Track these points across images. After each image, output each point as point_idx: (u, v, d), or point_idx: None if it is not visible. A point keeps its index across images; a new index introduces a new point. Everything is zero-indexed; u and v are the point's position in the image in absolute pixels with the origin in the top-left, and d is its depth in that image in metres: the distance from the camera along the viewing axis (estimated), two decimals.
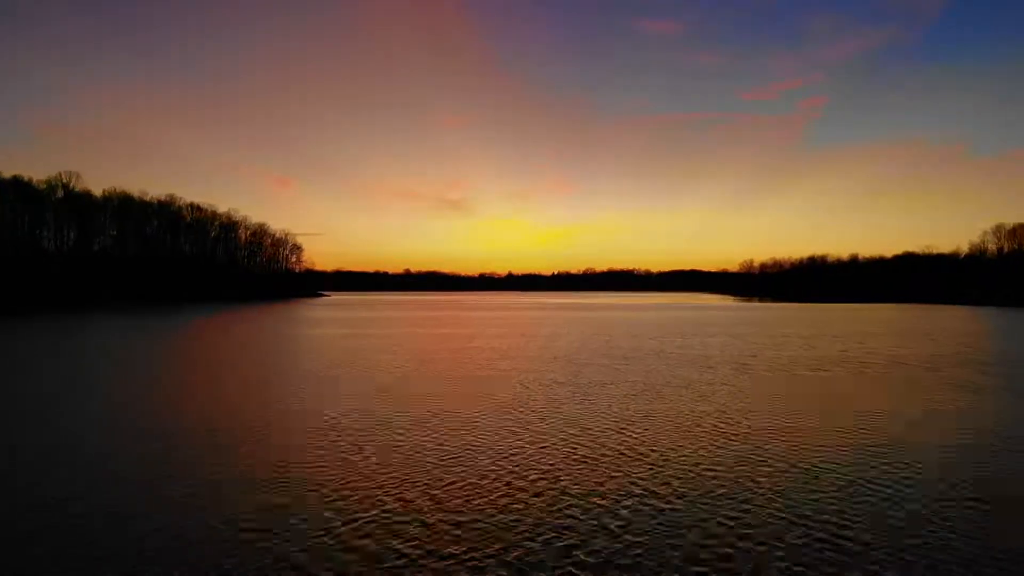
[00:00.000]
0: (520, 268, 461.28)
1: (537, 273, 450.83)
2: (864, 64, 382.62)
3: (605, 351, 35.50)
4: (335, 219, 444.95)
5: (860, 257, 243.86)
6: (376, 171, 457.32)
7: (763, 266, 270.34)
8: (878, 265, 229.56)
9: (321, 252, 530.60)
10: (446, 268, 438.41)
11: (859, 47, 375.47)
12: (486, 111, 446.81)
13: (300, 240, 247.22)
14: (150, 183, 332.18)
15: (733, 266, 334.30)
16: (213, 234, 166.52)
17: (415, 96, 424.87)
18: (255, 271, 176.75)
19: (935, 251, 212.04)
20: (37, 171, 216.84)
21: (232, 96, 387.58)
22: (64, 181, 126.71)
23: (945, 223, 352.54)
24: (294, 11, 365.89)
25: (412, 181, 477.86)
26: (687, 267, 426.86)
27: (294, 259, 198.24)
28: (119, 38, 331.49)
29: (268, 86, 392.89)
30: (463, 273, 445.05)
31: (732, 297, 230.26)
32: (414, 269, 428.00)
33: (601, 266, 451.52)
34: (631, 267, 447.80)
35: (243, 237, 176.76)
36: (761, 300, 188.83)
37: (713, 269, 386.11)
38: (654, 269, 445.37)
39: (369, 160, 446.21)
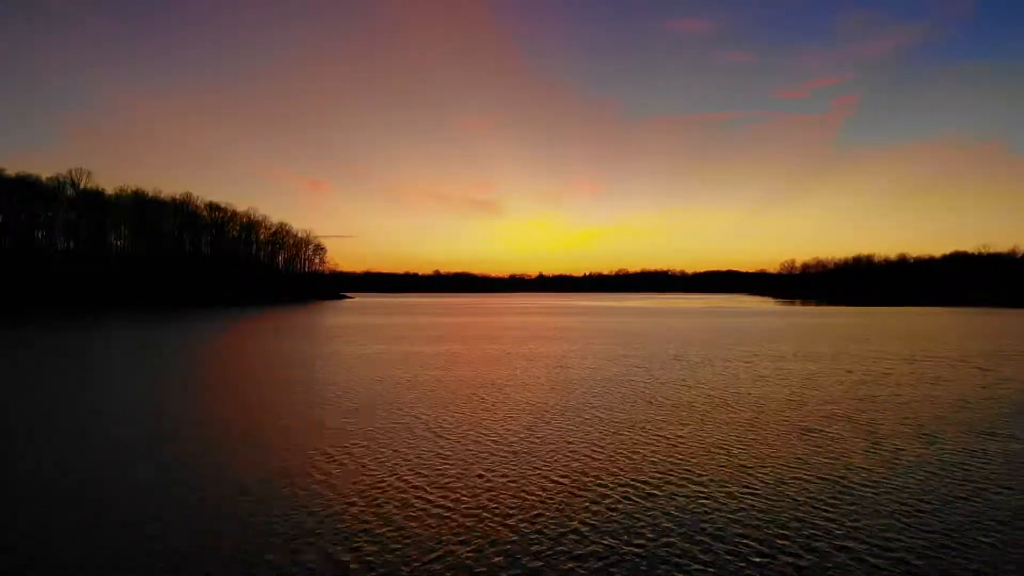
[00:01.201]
0: (551, 269, 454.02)
1: (568, 274, 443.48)
2: (898, 61, 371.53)
3: (665, 398, 27.38)
4: (366, 221, 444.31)
5: (909, 257, 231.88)
6: (407, 173, 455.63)
7: (805, 266, 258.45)
8: (927, 266, 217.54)
9: (352, 254, 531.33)
10: (476, 269, 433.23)
11: (893, 44, 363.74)
12: (516, 112, 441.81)
13: (332, 243, 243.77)
14: (182, 186, 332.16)
15: (772, 266, 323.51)
16: (233, 234, 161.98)
17: (445, 98, 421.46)
18: (276, 272, 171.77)
19: (991, 250, 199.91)
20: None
21: (265, 100, 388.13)
22: (74, 179, 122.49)
23: (985, 223, 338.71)
24: (326, 16, 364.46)
25: (442, 183, 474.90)
26: (723, 267, 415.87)
27: (317, 260, 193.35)
28: (152, 42, 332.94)
29: (300, 90, 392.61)
30: (493, 274, 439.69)
31: (772, 299, 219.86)
32: (444, 270, 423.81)
33: (634, 267, 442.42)
34: (665, 268, 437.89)
35: (264, 237, 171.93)
36: (804, 302, 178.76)
37: (751, 270, 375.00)
38: (689, 270, 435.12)
39: (400, 162, 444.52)
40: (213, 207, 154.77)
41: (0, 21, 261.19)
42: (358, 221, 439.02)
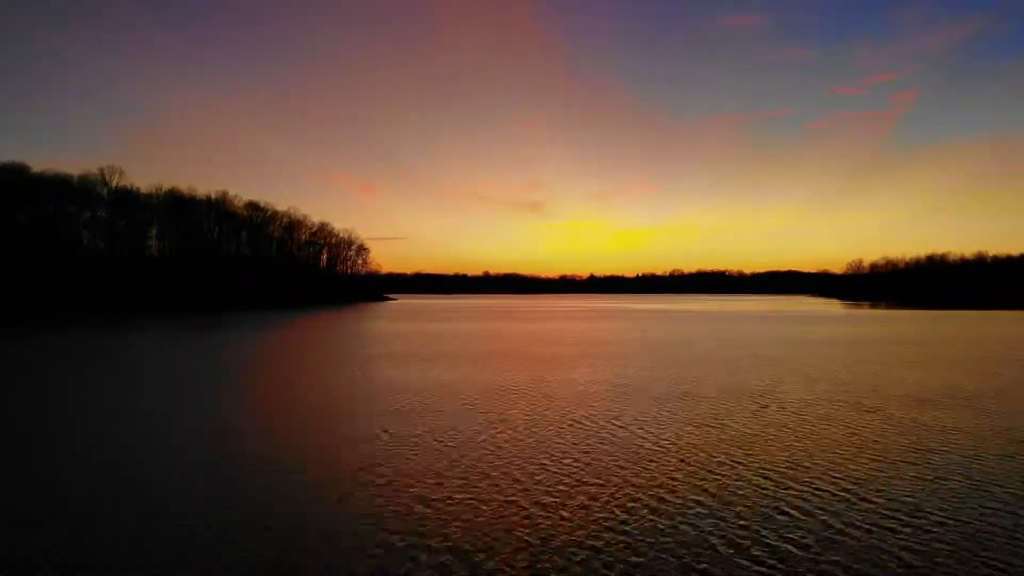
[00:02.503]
0: (602, 270, 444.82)
1: (620, 275, 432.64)
2: (957, 56, 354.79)
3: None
4: (417, 223, 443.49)
5: (987, 255, 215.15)
6: (456, 175, 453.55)
7: (874, 266, 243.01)
8: (1006, 265, 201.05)
9: (402, 255, 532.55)
10: (525, 270, 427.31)
11: (951, 38, 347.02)
12: (564, 112, 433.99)
13: (383, 244, 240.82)
14: (238, 189, 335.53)
15: (835, 266, 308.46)
16: (274, 235, 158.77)
17: (493, 99, 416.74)
18: (316, 274, 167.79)
19: None
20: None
21: (317, 103, 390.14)
22: (105, 177, 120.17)
23: None
24: (373, 19, 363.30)
25: (491, 184, 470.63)
26: (783, 268, 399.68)
27: (360, 261, 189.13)
28: (206, 47, 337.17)
29: (351, 93, 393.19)
30: (543, 275, 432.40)
31: (838, 301, 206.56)
32: (493, 271, 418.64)
33: (689, 267, 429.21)
34: (722, 268, 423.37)
35: (304, 238, 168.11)
36: (873, 305, 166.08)
37: (812, 270, 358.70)
38: (747, 270, 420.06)
39: (449, 164, 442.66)
40: (252, 206, 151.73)
41: (56, 28, 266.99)
42: (409, 223, 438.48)
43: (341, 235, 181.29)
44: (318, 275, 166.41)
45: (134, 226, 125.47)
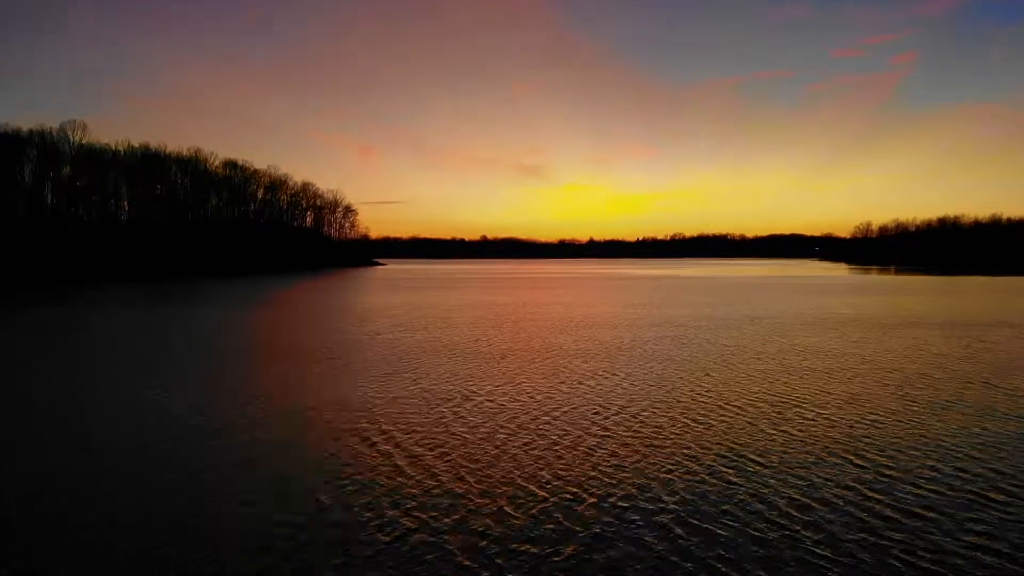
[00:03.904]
0: (602, 235, 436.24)
1: (620, 240, 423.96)
2: (957, 19, 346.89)
3: None
4: (415, 187, 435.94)
5: (1001, 218, 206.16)
6: (455, 138, 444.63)
7: (883, 229, 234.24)
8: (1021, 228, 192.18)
9: (400, 220, 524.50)
10: (524, 235, 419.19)
11: (951, 1, 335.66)
12: (564, 76, 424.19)
13: (380, 208, 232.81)
14: (232, 151, 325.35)
15: (840, 230, 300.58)
16: (256, 195, 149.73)
17: (493, 63, 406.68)
18: (299, 238, 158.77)
19: None
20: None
21: (315, 65, 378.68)
22: (68, 132, 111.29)
23: None
24: None
25: (490, 148, 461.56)
26: (786, 231, 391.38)
27: (348, 224, 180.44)
28: (202, 8, 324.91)
29: (348, 56, 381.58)
30: (542, 239, 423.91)
31: (845, 265, 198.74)
32: (491, 236, 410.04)
33: (690, 231, 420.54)
34: (723, 232, 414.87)
35: (285, 199, 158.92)
36: (882, 270, 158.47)
37: (816, 233, 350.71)
38: (749, 233, 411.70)
39: (448, 127, 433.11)
40: (230, 165, 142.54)
41: None
42: (406, 187, 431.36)
43: (327, 196, 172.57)
44: (301, 239, 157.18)
45: (100, 186, 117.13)
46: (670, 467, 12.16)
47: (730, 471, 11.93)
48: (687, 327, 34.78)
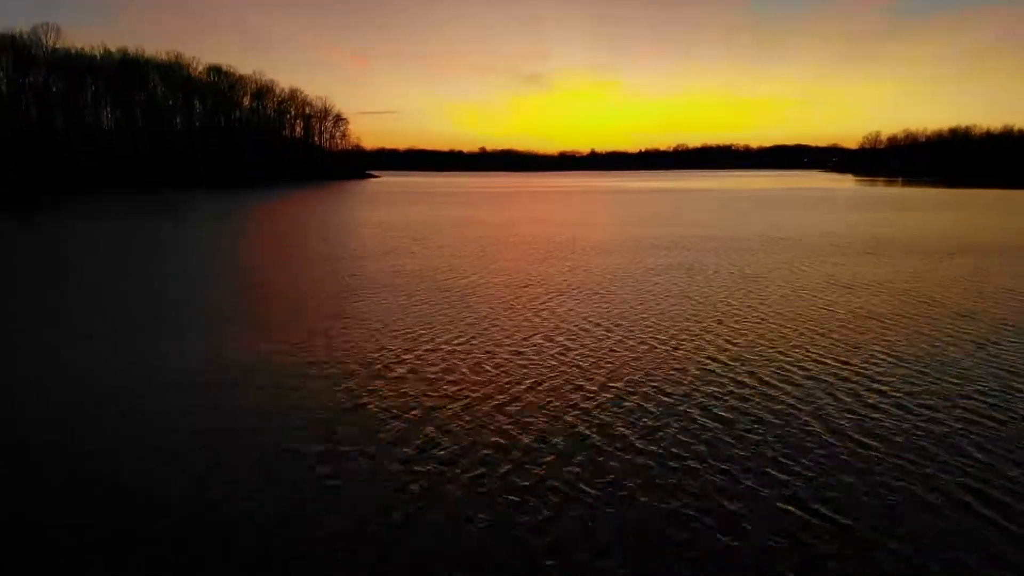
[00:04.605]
0: (604, 145, 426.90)
1: (622, 151, 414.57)
2: None
3: None
4: (411, 96, 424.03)
5: (1014, 129, 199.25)
6: (454, 44, 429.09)
7: (892, 140, 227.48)
8: None
9: (396, 131, 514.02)
10: (524, 146, 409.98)
11: None
12: None
13: (374, 119, 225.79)
14: (215, 58, 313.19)
15: (846, 140, 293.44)
16: (243, 103, 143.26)
17: None
18: (287, 148, 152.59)
19: None
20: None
21: None
22: (40, 36, 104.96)
23: None
24: None
25: (489, 53, 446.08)
26: (790, 141, 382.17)
27: (339, 134, 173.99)
28: None
29: None
30: (542, 151, 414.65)
31: (851, 176, 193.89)
32: (490, 148, 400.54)
33: (694, 142, 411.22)
34: (727, 142, 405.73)
35: (271, 107, 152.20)
36: (889, 181, 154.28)
37: (822, 144, 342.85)
38: (754, 144, 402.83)
39: (447, 32, 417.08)
40: (214, 70, 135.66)
41: None
42: (402, 96, 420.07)
43: (316, 104, 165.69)
44: (290, 150, 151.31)
45: (77, 94, 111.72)
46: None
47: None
48: (699, 252, 30.64)
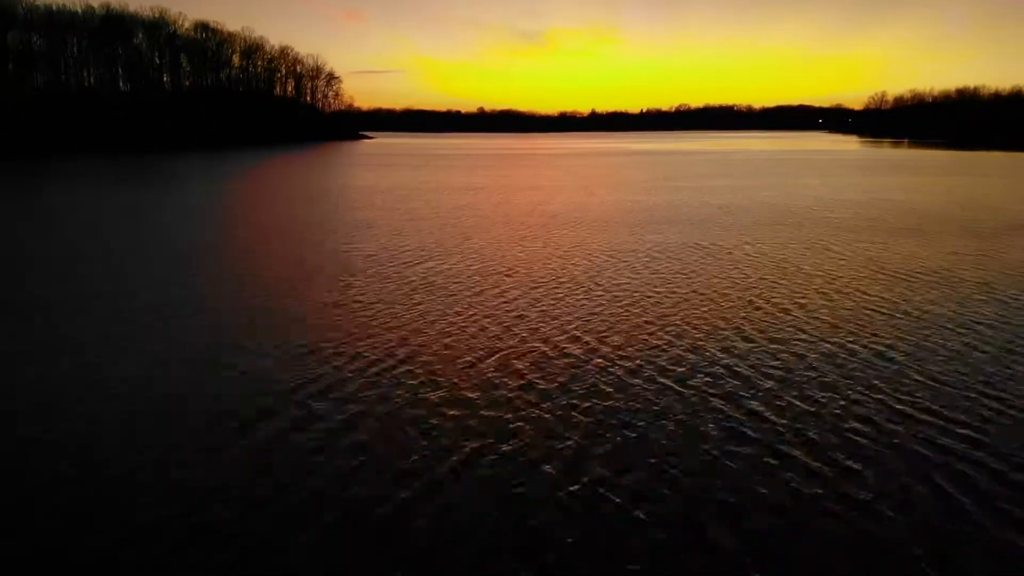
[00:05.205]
0: (605, 106, 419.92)
1: (623, 111, 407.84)
2: None
3: None
4: (408, 55, 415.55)
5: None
6: (450, 2, 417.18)
7: (898, 100, 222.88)
8: None
9: (393, 91, 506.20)
10: (523, 106, 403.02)
11: None
12: None
13: (370, 79, 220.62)
14: (200, 14, 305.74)
15: (851, 101, 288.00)
16: (234, 62, 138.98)
17: None
18: (279, 107, 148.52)
19: None
20: None
21: None
22: None
23: None
24: None
25: (490, 11, 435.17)
26: (794, 101, 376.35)
27: (331, 94, 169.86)
28: None
29: None
30: (541, 112, 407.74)
31: (856, 138, 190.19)
32: (489, 108, 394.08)
33: (696, 102, 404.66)
34: (730, 102, 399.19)
35: (261, 66, 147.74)
36: (895, 143, 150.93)
37: (826, 104, 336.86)
38: (756, 104, 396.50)
39: None
40: (201, 27, 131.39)
41: None
42: (399, 55, 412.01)
43: (308, 62, 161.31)
44: (280, 110, 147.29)
45: (58, 52, 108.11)
46: None
47: None
48: (709, 226, 27.18)
